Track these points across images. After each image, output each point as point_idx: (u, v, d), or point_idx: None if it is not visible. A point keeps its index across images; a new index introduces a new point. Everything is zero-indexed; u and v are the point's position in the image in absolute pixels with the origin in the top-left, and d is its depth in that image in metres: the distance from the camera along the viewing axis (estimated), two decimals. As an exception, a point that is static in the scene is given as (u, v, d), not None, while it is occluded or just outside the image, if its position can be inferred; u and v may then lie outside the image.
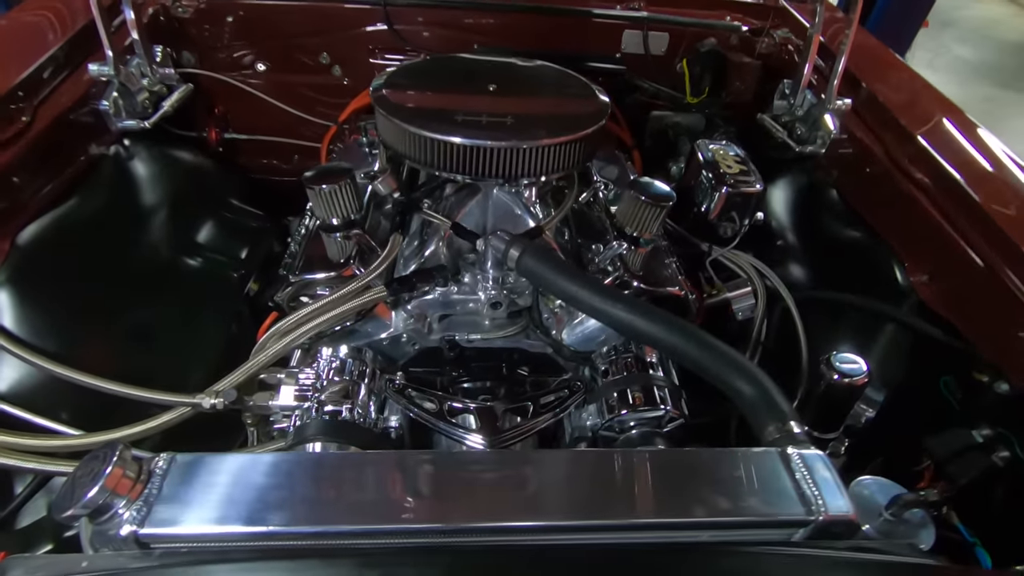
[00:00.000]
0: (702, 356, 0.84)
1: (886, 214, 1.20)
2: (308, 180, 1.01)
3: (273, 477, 0.63)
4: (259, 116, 1.63)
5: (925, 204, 1.12)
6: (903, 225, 1.16)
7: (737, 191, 1.25)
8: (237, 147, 1.65)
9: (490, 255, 1.04)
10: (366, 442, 0.89)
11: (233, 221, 1.41)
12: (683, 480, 0.70)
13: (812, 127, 1.41)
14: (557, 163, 1.06)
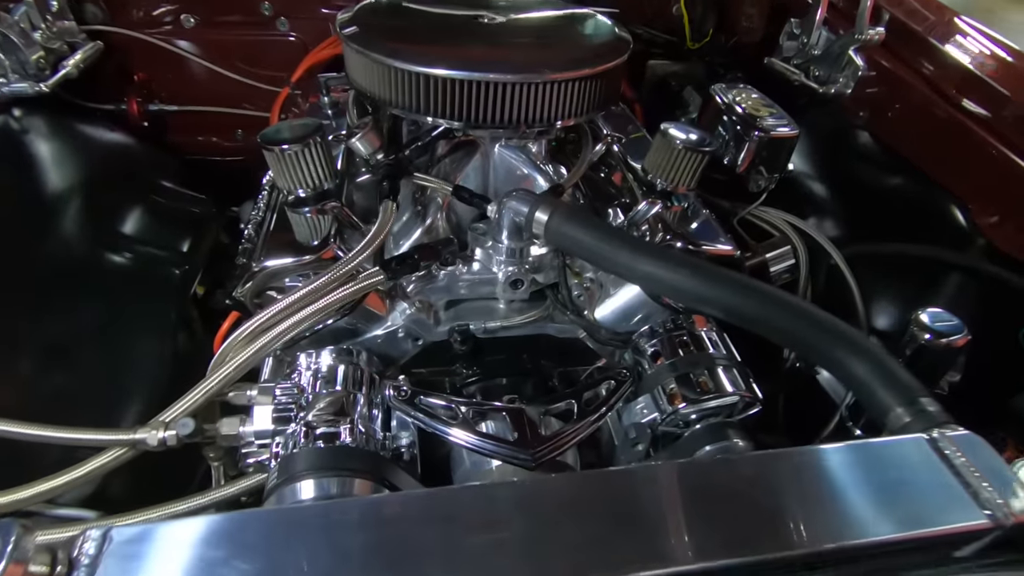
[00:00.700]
0: (797, 327, 0.67)
1: (937, 152, 1.07)
2: (267, 140, 0.78)
3: (264, 551, 0.42)
4: (190, 83, 1.36)
5: (985, 136, 0.99)
6: (960, 162, 1.03)
7: (771, 136, 1.08)
8: (166, 121, 1.37)
9: (506, 223, 0.84)
10: (378, 473, 0.68)
11: (168, 208, 1.15)
12: (823, 491, 0.53)
13: (833, 66, 1.27)
14: (576, 104, 0.87)
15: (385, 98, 0.85)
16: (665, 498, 0.53)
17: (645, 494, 0.52)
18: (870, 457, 0.58)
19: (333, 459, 0.67)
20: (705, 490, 0.53)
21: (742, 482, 0.55)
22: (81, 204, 1.01)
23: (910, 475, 0.56)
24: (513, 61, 0.82)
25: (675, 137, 0.91)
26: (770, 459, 0.60)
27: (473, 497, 0.53)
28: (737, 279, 0.71)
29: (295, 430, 0.71)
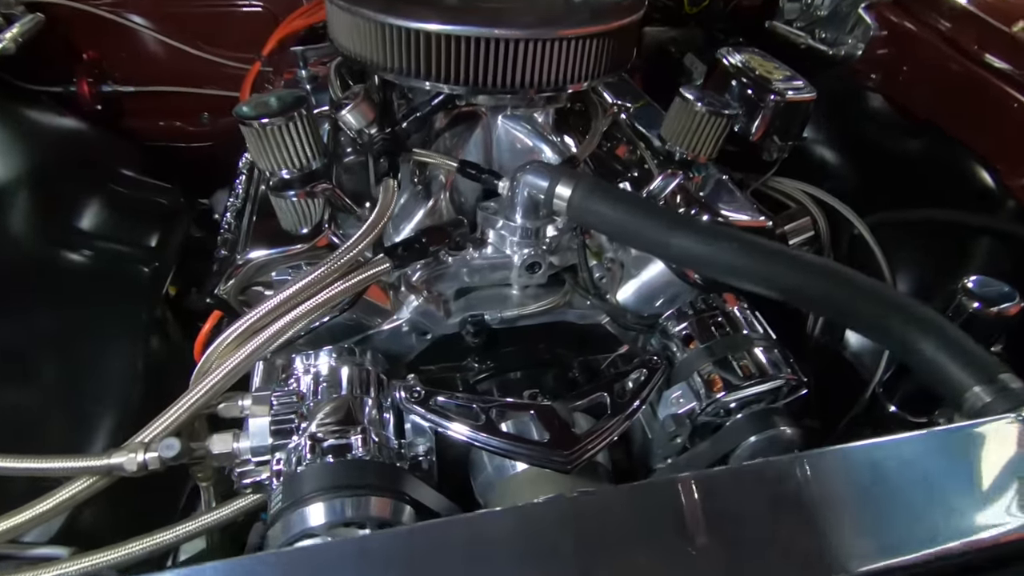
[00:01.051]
0: (854, 302, 0.61)
1: (959, 112, 1.02)
2: (244, 115, 0.68)
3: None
4: (147, 61, 1.23)
5: (1010, 91, 0.95)
6: (985, 121, 0.98)
7: (787, 100, 1.02)
8: (122, 104, 1.24)
9: (521, 200, 0.75)
10: (398, 488, 0.60)
11: (130, 199, 1.03)
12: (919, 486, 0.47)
13: (840, 27, 1.21)
14: (590, 65, 0.78)
15: (378, 61, 0.76)
16: (744, 509, 0.46)
17: (714, 506, 0.45)
18: (953, 444, 0.52)
19: (347, 475, 0.59)
20: (782, 497, 0.47)
21: (822, 484, 0.48)
22: (31, 198, 0.89)
23: (1001, 460, 0.50)
24: (522, 16, 0.73)
25: (697, 102, 0.84)
26: (842, 456, 0.53)
27: (521, 521, 0.45)
28: (792, 253, 0.64)
29: (298, 443, 0.62)
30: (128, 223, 0.98)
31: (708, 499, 0.45)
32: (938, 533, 0.43)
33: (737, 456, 0.72)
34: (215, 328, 0.78)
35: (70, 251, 0.88)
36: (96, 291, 0.87)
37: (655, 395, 0.76)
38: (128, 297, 0.89)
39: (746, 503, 0.47)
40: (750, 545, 0.43)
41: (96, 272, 0.89)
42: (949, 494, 0.47)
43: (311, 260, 0.70)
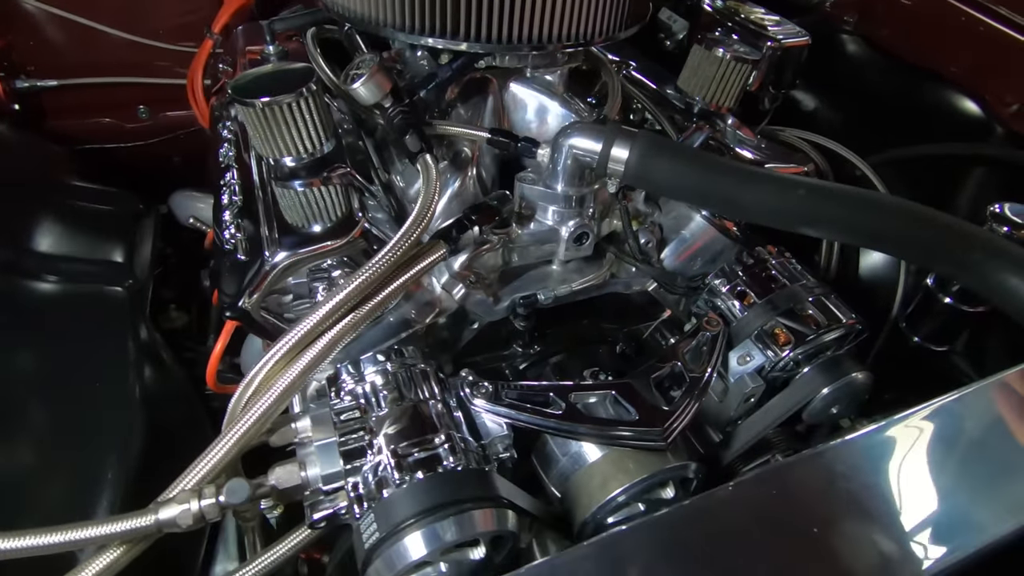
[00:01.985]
0: (940, 241, 0.60)
1: (939, 47, 1.05)
2: (242, 92, 0.59)
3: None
4: (68, 48, 1.05)
5: (988, 21, 0.98)
6: (966, 53, 1.01)
7: (784, 46, 1.01)
8: (43, 103, 1.06)
9: (563, 167, 0.69)
10: (499, 497, 0.54)
11: (85, 212, 0.89)
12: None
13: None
14: (616, 17, 0.73)
15: (390, 20, 0.67)
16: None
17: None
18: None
19: (445, 491, 0.52)
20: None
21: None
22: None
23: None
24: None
25: (719, 48, 0.81)
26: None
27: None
28: (868, 195, 0.62)
29: (377, 463, 0.55)
30: (87, 239, 0.83)
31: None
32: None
33: (812, 408, 0.71)
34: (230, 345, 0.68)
35: (29, 281, 0.74)
36: (69, 322, 0.74)
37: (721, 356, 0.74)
38: (107, 324, 0.76)
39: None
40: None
41: (64, 301, 0.75)
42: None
43: (350, 255, 0.62)
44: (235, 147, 0.79)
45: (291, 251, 0.59)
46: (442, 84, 0.72)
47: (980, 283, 0.60)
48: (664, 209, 0.82)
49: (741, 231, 0.81)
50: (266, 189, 0.66)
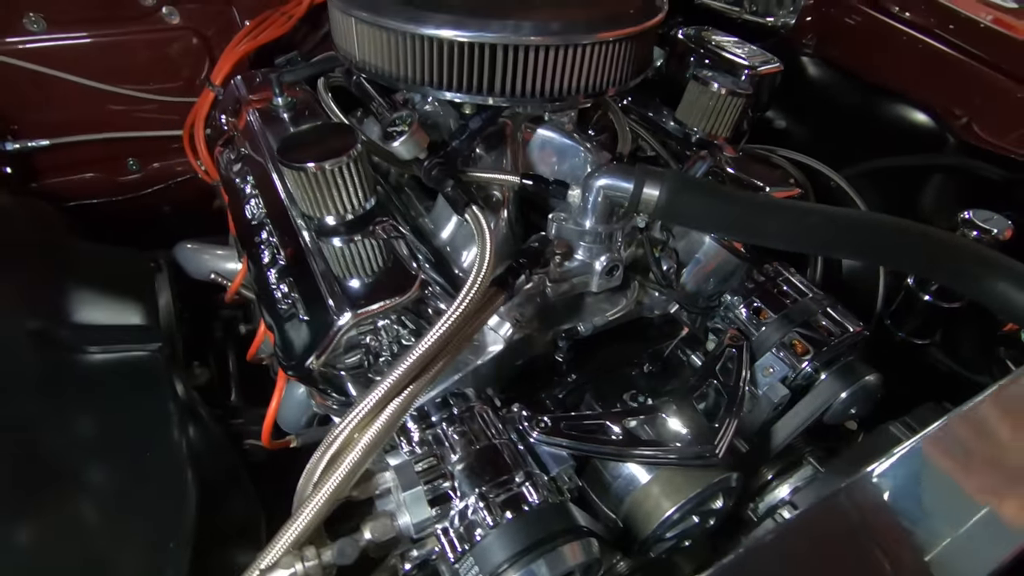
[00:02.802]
0: (953, 263, 0.68)
1: (892, 66, 1.15)
2: (290, 157, 0.61)
3: None
4: (54, 106, 1.03)
5: (936, 44, 1.09)
6: (916, 71, 1.12)
7: (760, 73, 1.09)
8: (34, 163, 1.03)
9: (593, 205, 0.74)
10: (581, 528, 0.57)
11: (99, 273, 0.87)
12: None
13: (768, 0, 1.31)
14: (631, 66, 0.79)
15: (421, 79, 0.70)
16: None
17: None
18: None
19: (538, 529, 0.55)
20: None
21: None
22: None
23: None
24: (567, 21, 0.71)
25: (714, 83, 0.87)
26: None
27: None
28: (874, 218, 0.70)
29: (465, 507, 0.57)
30: (112, 302, 0.82)
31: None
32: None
33: (833, 411, 0.78)
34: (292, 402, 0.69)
35: (62, 351, 0.72)
36: (107, 389, 0.72)
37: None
38: (146, 387, 0.75)
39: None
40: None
41: (99, 368, 0.74)
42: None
43: (419, 306, 0.64)
44: (264, 203, 0.79)
45: (359, 310, 0.61)
46: (473, 134, 0.76)
47: (972, 289, 0.68)
48: (676, 235, 0.88)
49: (748, 250, 0.88)
50: (317, 248, 0.68)
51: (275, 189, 0.78)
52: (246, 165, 0.87)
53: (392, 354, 0.69)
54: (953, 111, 1.09)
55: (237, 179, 0.87)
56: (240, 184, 0.86)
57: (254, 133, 0.88)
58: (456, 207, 0.68)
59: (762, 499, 0.76)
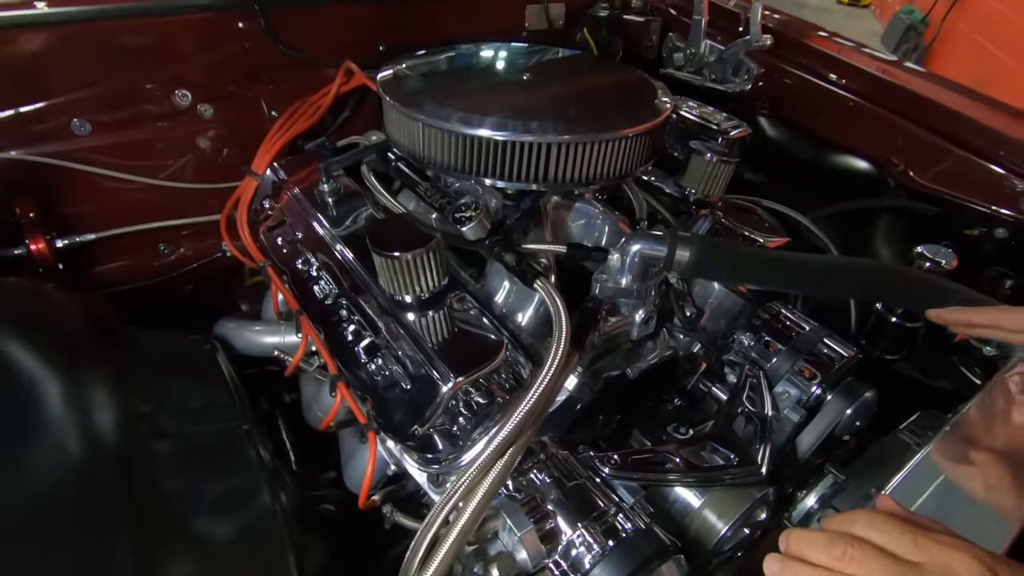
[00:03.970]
0: (919, 294, 0.84)
1: (834, 124, 1.36)
2: (381, 246, 0.71)
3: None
4: (97, 201, 1.08)
5: (863, 102, 1.31)
6: (853, 128, 1.33)
7: (732, 136, 1.27)
8: (82, 257, 1.07)
9: (630, 266, 0.86)
10: (671, 547, 0.67)
11: (171, 358, 0.92)
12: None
13: (726, 69, 1.51)
14: (651, 151, 0.93)
15: (478, 170, 0.82)
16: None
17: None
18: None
19: (640, 553, 0.64)
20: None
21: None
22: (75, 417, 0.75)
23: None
24: (607, 119, 0.85)
25: (707, 152, 1.03)
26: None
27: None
28: (856, 263, 0.85)
29: (571, 540, 0.66)
30: (184, 384, 0.86)
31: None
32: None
33: (842, 425, 0.92)
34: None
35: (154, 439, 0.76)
36: (206, 470, 0.77)
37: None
38: (241, 464, 0.80)
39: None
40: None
41: (192, 448, 0.78)
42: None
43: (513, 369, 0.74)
44: (336, 283, 0.88)
45: (463, 376, 0.70)
46: (525, 215, 0.87)
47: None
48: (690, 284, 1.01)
49: (751, 292, 1.02)
50: (406, 323, 0.76)
51: (349, 271, 0.87)
52: (305, 248, 0.95)
53: (472, 412, 0.78)
54: (890, 159, 1.30)
55: (297, 261, 0.95)
56: (302, 266, 0.93)
57: (308, 218, 0.96)
58: (524, 279, 0.79)
59: (794, 508, 0.88)
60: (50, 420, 0.70)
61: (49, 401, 0.71)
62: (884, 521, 0.47)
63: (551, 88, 0.97)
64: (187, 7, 1.06)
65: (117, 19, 1.01)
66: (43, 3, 0.96)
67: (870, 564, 0.44)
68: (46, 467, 0.67)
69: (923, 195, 1.25)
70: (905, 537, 0.45)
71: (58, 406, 0.72)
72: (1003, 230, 1.18)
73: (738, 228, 1.06)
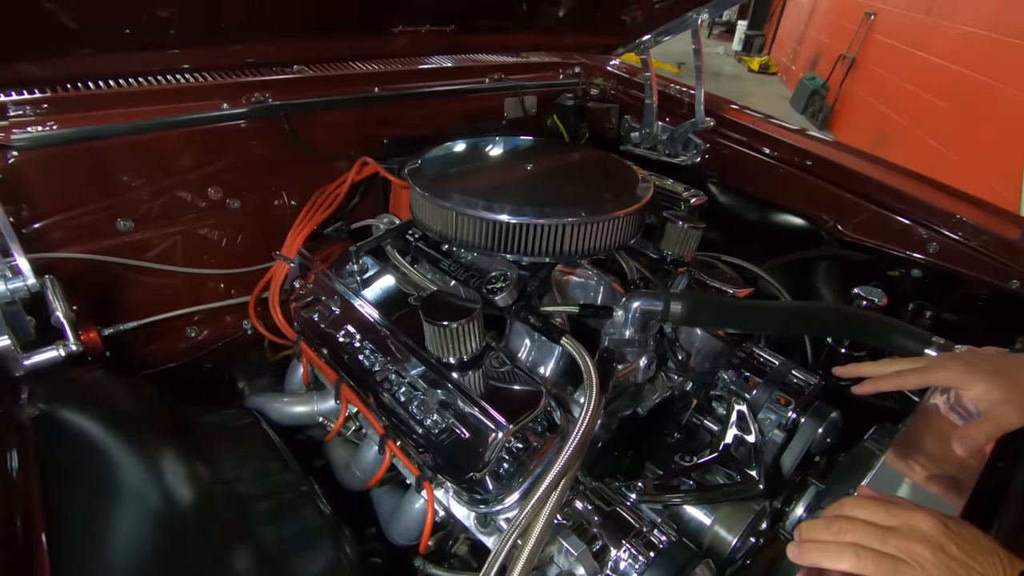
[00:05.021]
0: (863, 328, 1.04)
1: (771, 188, 1.61)
2: (428, 313, 0.84)
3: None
4: (136, 291, 1.16)
5: (797, 172, 1.57)
6: (786, 190, 1.58)
7: (692, 203, 1.49)
8: (123, 343, 1.14)
9: (632, 320, 1.02)
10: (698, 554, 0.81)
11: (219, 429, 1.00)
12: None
13: (676, 145, 1.76)
14: (640, 226, 1.12)
15: (496, 247, 0.98)
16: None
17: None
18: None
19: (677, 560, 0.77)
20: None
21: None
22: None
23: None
24: (603, 203, 1.03)
25: (679, 220, 1.23)
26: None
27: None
28: (813, 307, 1.05)
29: (617, 556, 0.78)
30: (246, 455, 0.95)
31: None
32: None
33: (816, 443, 1.09)
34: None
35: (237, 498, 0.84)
36: (281, 527, 0.85)
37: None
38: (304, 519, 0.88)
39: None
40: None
41: (269, 511, 0.86)
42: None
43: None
44: (381, 352, 0.99)
45: (513, 423, 0.83)
46: (542, 283, 1.03)
47: (879, 342, 1.03)
48: (678, 332, 1.18)
49: (728, 336, 1.20)
50: (454, 382, 0.89)
51: (393, 340, 0.99)
52: (345, 322, 1.06)
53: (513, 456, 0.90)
54: (821, 216, 1.55)
55: (338, 334, 1.06)
56: (344, 339, 1.05)
57: (346, 296, 1.08)
58: (551, 337, 0.93)
59: (787, 519, 1.03)
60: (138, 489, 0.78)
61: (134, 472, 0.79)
62: (864, 501, 0.62)
63: (555, 176, 1.15)
64: (222, 117, 1.19)
65: (161, 131, 1.13)
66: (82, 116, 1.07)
67: (858, 531, 0.59)
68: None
69: (851, 244, 1.50)
70: (880, 509, 0.60)
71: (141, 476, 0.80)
72: (918, 270, 1.43)
73: (709, 281, 1.25)
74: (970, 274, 1.33)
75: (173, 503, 0.78)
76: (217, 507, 0.82)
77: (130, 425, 0.83)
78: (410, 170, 1.10)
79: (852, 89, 6.38)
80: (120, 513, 0.75)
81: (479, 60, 1.69)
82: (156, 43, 1.00)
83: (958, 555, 0.56)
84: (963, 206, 1.41)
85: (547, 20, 1.53)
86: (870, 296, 1.26)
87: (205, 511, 0.80)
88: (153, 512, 0.77)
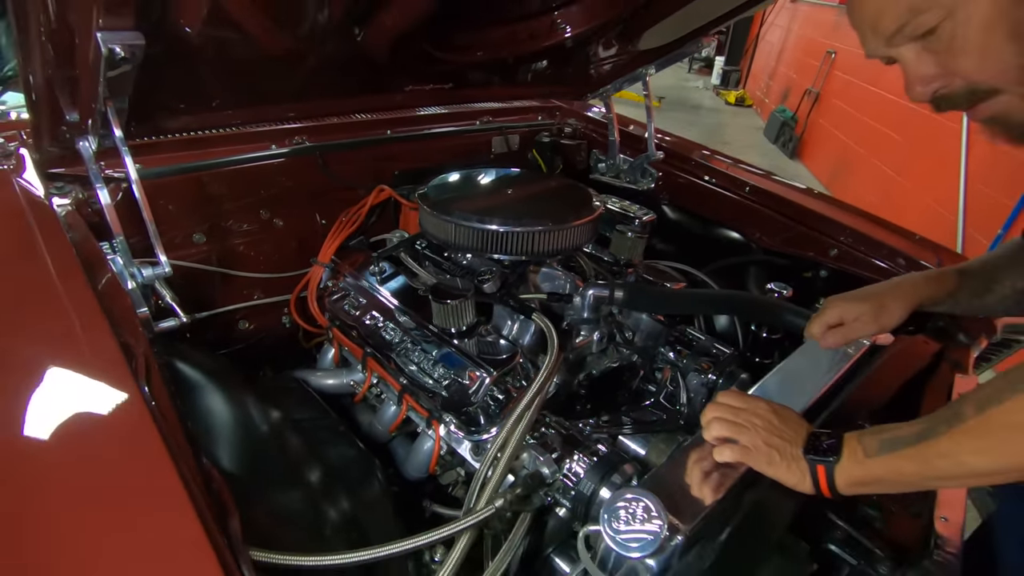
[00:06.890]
0: (755, 308, 1.39)
1: (712, 208, 1.98)
2: (438, 296, 1.18)
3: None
4: (208, 288, 1.50)
5: (734, 196, 1.93)
6: (723, 210, 1.95)
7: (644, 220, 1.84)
8: (197, 329, 1.47)
9: (589, 303, 1.37)
10: (626, 459, 1.13)
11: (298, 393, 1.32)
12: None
13: (635, 174, 2.12)
14: (596, 230, 1.47)
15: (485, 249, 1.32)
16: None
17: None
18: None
19: (614, 459, 1.10)
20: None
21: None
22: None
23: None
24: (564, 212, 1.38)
25: (628, 231, 1.58)
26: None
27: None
28: (730, 293, 1.39)
29: (574, 459, 1.11)
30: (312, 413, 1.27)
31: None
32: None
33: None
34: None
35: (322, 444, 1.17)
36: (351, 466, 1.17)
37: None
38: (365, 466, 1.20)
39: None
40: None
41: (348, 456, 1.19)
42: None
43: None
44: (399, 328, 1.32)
45: (496, 370, 1.16)
46: (520, 276, 1.37)
47: (776, 322, 1.38)
48: (625, 315, 1.52)
49: (666, 319, 1.54)
50: (454, 345, 1.22)
51: (406, 320, 1.32)
52: (371, 309, 1.40)
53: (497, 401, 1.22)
54: (752, 231, 1.91)
55: (365, 319, 1.39)
56: (370, 322, 1.38)
57: (371, 290, 1.42)
58: (526, 314, 1.27)
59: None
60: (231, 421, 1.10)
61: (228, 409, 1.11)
62: (730, 394, 0.97)
63: (531, 198, 1.50)
64: (270, 156, 1.55)
65: (226, 167, 1.48)
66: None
67: (721, 410, 0.94)
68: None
69: (774, 252, 1.86)
70: (736, 399, 0.95)
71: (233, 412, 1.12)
72: (824, 271, 1.78)
73: (654, 280, 1.59)
74: (863, 273, 1.68)
75: (257, 432, 1.10)
76: (287, 436, 1.14)
77: (223, 376, 1.16)
78: (420, 194, 1.45)
79: (818, 121, 6.88)
80: (219, 439, 1.07)
81: (471, 107, 2.07)
82: (227, 106, 1.36)
83: (777, 424, 0.90)
84: (857, 219, 1.77)
85: (526, 75, 1.91)
86: (780, 289, 1.61)
87: (281, 438, 1.12)
88: (243, 437, 1.09)
